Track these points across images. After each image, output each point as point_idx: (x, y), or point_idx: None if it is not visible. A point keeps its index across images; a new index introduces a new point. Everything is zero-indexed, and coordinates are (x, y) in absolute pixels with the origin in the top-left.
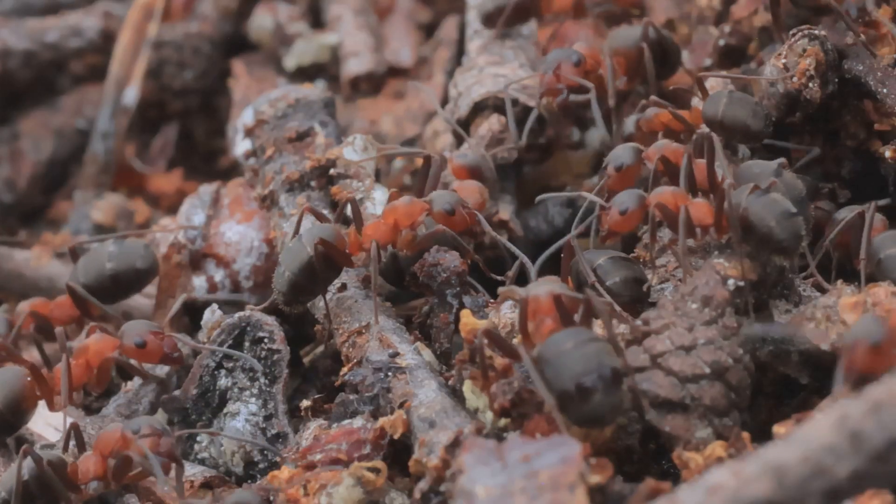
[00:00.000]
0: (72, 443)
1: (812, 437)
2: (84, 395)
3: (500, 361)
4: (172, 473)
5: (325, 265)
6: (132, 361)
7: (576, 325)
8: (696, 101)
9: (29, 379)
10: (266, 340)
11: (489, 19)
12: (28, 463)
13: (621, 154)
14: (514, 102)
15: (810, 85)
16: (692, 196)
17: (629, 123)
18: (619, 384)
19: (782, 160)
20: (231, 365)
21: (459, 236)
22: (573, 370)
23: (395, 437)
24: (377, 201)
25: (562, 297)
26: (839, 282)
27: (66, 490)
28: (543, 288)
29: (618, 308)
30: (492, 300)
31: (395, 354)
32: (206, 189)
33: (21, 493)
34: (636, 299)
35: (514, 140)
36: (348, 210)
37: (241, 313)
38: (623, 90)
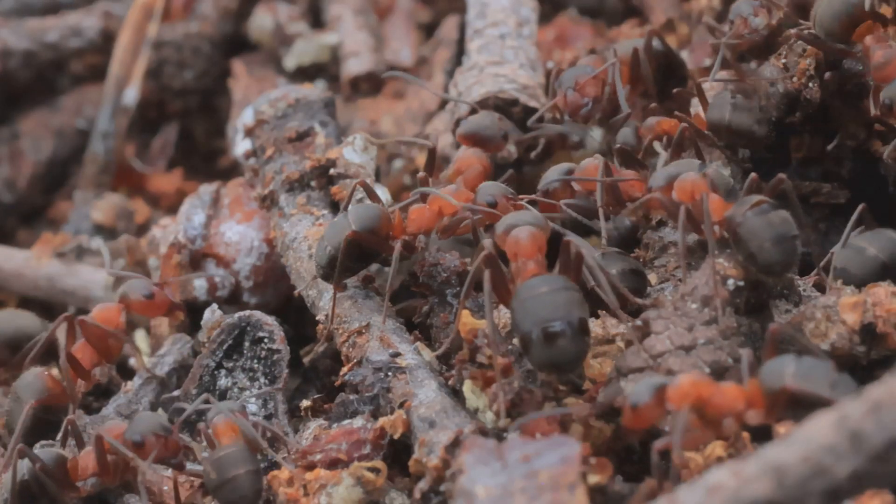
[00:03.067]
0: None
1: (812, 437)
2: (84, 395)
3: (500, 361)
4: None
5: (364, 246)
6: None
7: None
8: (695, 104)
9: (48, 372)
10: (266, 340)
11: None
12: (28, 462)
13: (550, 175)
14: (515, 102)
15: (810, 85)
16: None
17: (628, 133)
18: (585, 334)
19: (753, 175)
20: (231, 365)
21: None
22: (540, 314)
23: (395, 437)
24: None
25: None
26: (839, 281)
27: (60, 490)
28: (526, 229)
29: (616, 308)
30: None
31: (396, 354)
32: (206, 189)
33: (18, 492)
34: (636, 291)
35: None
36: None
37: (241, 313)
38: (630, 100)
